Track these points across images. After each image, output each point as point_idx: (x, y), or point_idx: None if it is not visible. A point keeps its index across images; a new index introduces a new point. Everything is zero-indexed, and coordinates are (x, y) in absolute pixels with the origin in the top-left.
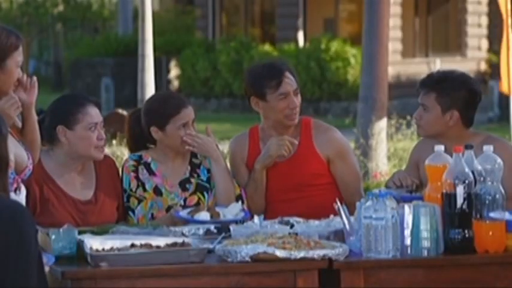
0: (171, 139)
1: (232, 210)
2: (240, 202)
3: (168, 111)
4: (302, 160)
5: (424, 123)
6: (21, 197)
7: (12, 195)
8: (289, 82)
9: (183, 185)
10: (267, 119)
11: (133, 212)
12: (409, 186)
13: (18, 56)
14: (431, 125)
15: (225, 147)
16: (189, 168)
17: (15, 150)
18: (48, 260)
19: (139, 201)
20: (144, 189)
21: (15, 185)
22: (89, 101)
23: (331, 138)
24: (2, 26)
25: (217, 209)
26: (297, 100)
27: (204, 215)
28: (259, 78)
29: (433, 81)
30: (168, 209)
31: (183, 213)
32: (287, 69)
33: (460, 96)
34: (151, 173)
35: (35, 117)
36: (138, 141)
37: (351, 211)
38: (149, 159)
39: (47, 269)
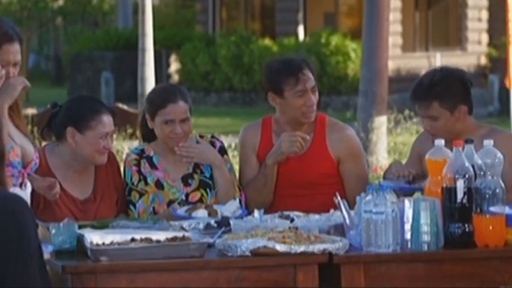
0: (159, 132)
1: (230, 208)
2: (237, 200)
3: (156, 102)
4: (313, 159)
5: (437, 131)
6: (27, 192)
7: (18, 190)
8: (307, 79)
9: (185, 180)
10: (284, 115)
11: (134, 206)
12: (406, 176)
13: None
14: (447, 130)
15: (225, 141)
16: (192, 163)
17: (22, 143)
18: (45, 249)
19: (141, 195)
20: (146, 183)
21: (20, 180)
22: (106, 108)
23: (344, 137)
24: None
25: (215, 207)
26: (315, 98)
27: (202, 213)
28: (277, 75)
29: (427, 91)
30: (170, 203)
31: (181, 211)
32: (306, 66)
33: (458, 90)
34: (153, 166)
35: None
36: (149, 132)
37: (352, 207)
38: (151, 153)
39: (46, 256)
